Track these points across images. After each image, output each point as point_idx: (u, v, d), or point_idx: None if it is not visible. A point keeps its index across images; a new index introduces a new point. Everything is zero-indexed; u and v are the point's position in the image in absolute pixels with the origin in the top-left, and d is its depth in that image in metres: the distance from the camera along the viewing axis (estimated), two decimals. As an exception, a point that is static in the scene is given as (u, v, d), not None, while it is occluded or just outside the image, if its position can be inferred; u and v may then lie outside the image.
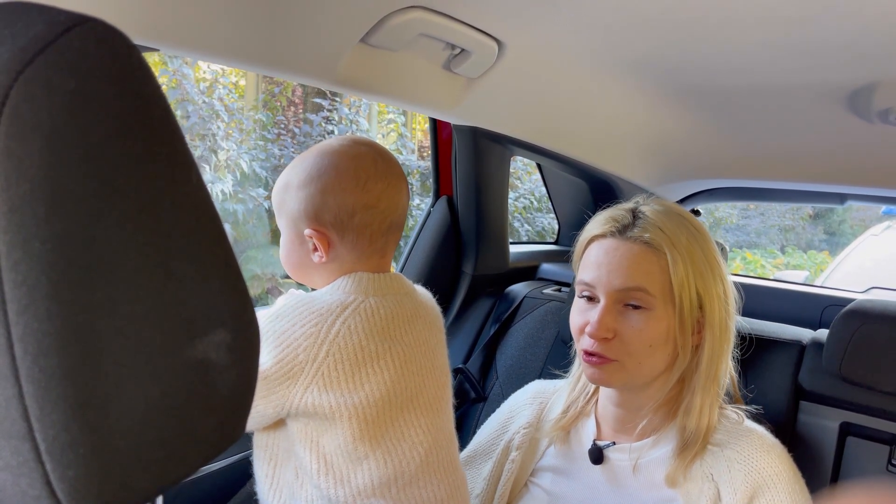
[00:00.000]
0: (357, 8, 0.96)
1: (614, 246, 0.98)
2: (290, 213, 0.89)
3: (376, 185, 0.88)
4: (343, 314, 0.85)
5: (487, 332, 1.68)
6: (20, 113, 0.34)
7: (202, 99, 3.88)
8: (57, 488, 0.35)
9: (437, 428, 0.94)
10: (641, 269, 0.96)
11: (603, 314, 0.96)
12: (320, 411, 0.82)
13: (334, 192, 0.87)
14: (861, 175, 1.71)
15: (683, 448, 0.98)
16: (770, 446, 0.98)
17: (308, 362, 0.81)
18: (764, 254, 9.18)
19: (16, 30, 0.35)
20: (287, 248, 0.92)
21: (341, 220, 0.87)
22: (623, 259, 0.97)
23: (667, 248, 0.96)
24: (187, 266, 0.39)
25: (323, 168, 0.87)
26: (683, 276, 0.95)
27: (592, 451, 1.05)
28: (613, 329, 0.96)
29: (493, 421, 1.22)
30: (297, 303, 0.85)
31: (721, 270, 1.01)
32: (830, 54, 1.05)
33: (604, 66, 1.27)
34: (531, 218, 5.58)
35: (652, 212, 1.00)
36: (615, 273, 0.97)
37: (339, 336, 0.83)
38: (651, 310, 0.96)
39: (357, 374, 0.84)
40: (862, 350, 1.21)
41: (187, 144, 0.41)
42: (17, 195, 0.33)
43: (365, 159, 0.89)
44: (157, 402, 0.38)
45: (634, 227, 0.99)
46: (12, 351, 0.34)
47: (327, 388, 0.82)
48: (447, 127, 1.59)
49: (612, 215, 1.02)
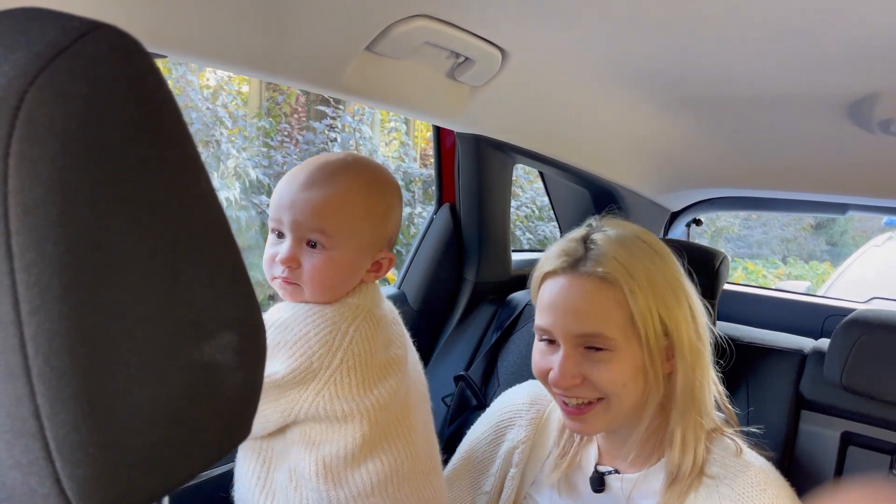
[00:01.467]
0: (363, 16, 0.97)
1: (567, 284, 0.93)
2: (366, 237, 0.88)
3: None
4: (355, 322, 0.86)
5: (489, 339, 1.68)
6: (35, 117, 0.34)
7: (206, 105, 3.90)
8: (66, 487, 0.36)
9: (425, 426, 0.97)
10: (597, 311, 0.91)
11: (564, 361, 0.92)
12: (331, 415, 0.84)
13: (399, 216, 0.93)
14: (862, 185, 1.71)
15: (672, 482, 0.94)
16: (768, 483, 0.93)
17: (322, 369, 0.83)
18: (766, 264, 9.17)
19: (30, 35, 0.36)
20: (345, 269, 0.88)
21: (393, 241, 0.93)
22: (577, 300, 0.92)
23: (623, 281, 0.90)
24: (195, 269, 0.40)
25: (394, 193, 0.92)
26: (644, 307, 0.90)
27: (594, 480, 1.02)
28: (579, 374, 0.92)
29: (488, 421, 1.19)
30: (308, 311, 0.86)
31: (686, 291, 0.95)
32: (832, 65, 1.06)
33: (606, 76, 1.28)
34: (533, 226, 5.58)
35: (604, 240, 0.94)
36: (570, 317, 0.92)
37: (353, 343, 0.85)
38: (614, 350, 0.91)
39: (368, 379, 0.85)
40: (863, 359, 1.21)
41: (197, 149, 0.42)
42: (31, 198, 0.34)
43: (397, 184, 0.94)
44: (164, 403, 0.38)
45: (587, 259, 0.93)
46: (24, 350, 0.34)
47: (339, 393, 0.83)
48: (450, 135, 1.60)
49: (563, 248, 0.96)
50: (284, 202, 0.86)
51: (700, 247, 1.43)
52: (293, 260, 0.86)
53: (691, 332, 0.94)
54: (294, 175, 0.88)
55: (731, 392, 1.37)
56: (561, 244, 0.98)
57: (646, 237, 0.98)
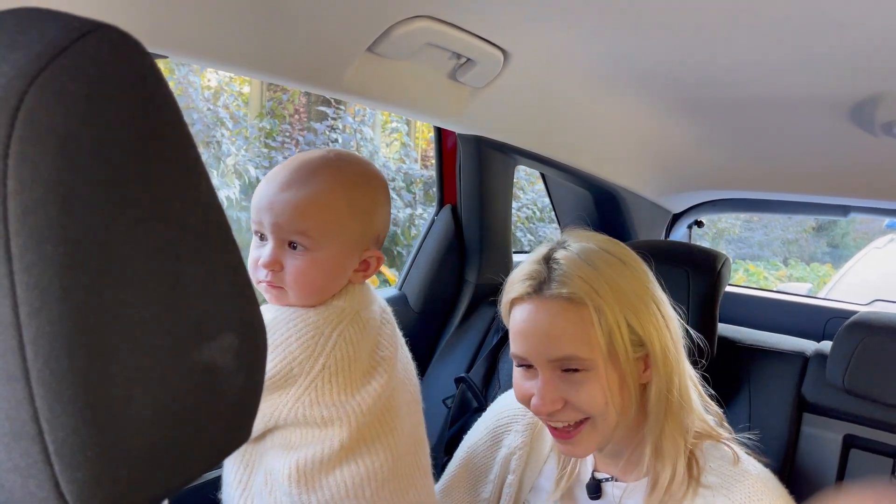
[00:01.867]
0: (364, 17, 0.97)
1: (534, 309, 0.92)
2: (351, 236, 0.87)
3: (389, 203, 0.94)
4: (339, 326, 0.84)
5: (490, 341, 1.68)
6: (35, 117, 0.34)
7: (207, 106, 3.90)
8: (65, 490, 0.36)
9: (414, 427, 0.95)
10: (568, 333, 0.89)
11: (543, 387, 0.91)
12: (310, 420, 0.82)
13: (387, 212, 0.91)
14: (864, 187, 1.71)
15: (652, 491, 0.93)
16: (766, 493, 0.91)
17: (302, 374, 0.81)
18: (767, 266, 9.16)
19: (31, 35, 0.36)
20: (330, 271, 0.86)
21: (381, 239, 0.91)
22: (546, 325, 0.90)
23: (588, 300, 0.88)
24: (196, 270, 0.40)
25: (379, 189, 0.90)
26: (613, 321, 0.88)
27: (590, 486, 1.02)
28: (560, 399, 0.91)
29: (485, 426, 1.18)
30: (291, 315, 0.84)
31: (656, 297, 0.94)
32: (834, 68, 1.06)
33: (608, 77, 1.27)
34: (533, 228, 5.58)
35: (567, 258, 0.92)
36: (543, 343, 0.90)
37: (336, 348, 0.83)
38: (592, 370, 0.89)
39: (351, 384, 0.84)
40: (865, 362, 1.21)
41: (198, 150, 0.41)
42: (31, 198, 0.34)
43: (383, 179, 0.92)
44: (165, 406, 0.38)
45: (552, 281, 0.91)
46: (24, 353, 0.34)
47: (320, 399, 0.82)
48: (452, 136, 1.60)
49: (527, 271, 0.94)
50: (263, 204, 0.83)
51: (702, 248, 1.43)
52: (275, 263, 0.83)
53: (666, 340, 0.92)
54: (274, 175, 0.85)
55: (732, 394, 1.37)
56: (525, 268, 0.96)
57: (612, 247, 0.96)
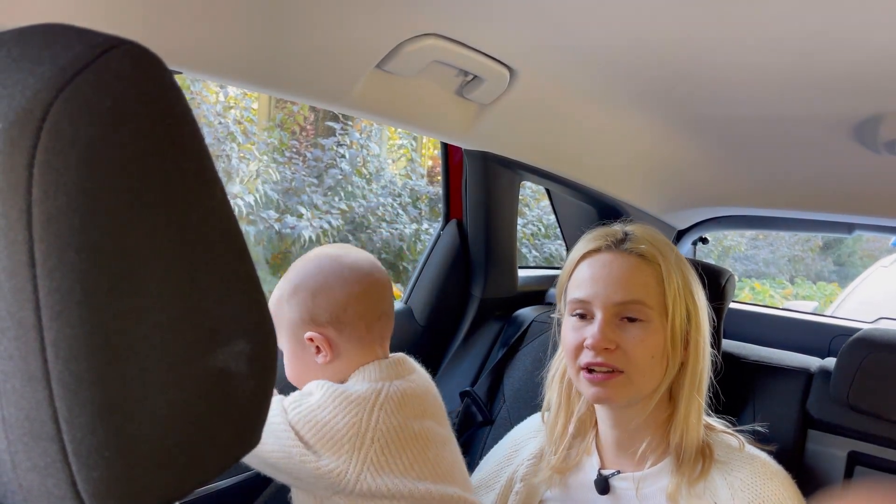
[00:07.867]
0: (373, 35, 0.98)
1: (610, 259, 1.00)
2: (288, 324, 0.92)
3: (361, 278, 0.93)
4: (378, 400, 0.88)
5: (495, 355, 1.68)
6: (59, 129, 0.35)
7: (218, 121, 3.94)
8: (81, 489, 0.37)
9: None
10: (639, 282, 0.98)
11: (603, 326, 0.96)
12: (377, 493, 0.84)
13: (323, 291, 0.91)
14: (869, 205, 1.71)
15: (680, 463, 0.97)
16: (773, 473, 0.97)
17: (354, 451, 0.84)
18: (773, 284, 9.13)
19: (55, 50, 0.37)
20: (291, 359, 0.94)
21: (337, 317, 0.91)
22: (621, 271, 0.98)
23: (661, 261, 0.98)
24: (211, 278, 0.41)
25: (308, 273, 0.92)
26: (676, 289, 0.98)
27: (598, 482, 1.03)
28: (615, 340, 0.96)
29: (497, 453, 1.20)
30: (333, 393, 0.87)
31: (702, 295, 1.04)
32: (836, 86, 1.07)
33: (613, 95, 1.29)
34: (539, 244, 5.59)
35: (640, 229, 1.04)
36: (613, 287, 0.98)
37: (381, 422, 0.86)
38: (649, 322, 0.97)
39: (403, 454, 0.87)
40: (870, 379, 1.21)
41: (213, 162, 0.43)
42: (55, 206, 0.35)
43: (345, 259, 0.93)
44: (179, 408, 0.39)
45: (627, 240, 1.01)
46: (45, 355, 0.35)
47: (379, 472, 0.84)
48: (458, 151, 1.61)
49: (602, 232, 1.04)
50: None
51: (705, 265, 1.44)
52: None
53: (705, 331, 1.02)
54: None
55: (737, 410, 1.37)
56: (597, 231, 1.05)
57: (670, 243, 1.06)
